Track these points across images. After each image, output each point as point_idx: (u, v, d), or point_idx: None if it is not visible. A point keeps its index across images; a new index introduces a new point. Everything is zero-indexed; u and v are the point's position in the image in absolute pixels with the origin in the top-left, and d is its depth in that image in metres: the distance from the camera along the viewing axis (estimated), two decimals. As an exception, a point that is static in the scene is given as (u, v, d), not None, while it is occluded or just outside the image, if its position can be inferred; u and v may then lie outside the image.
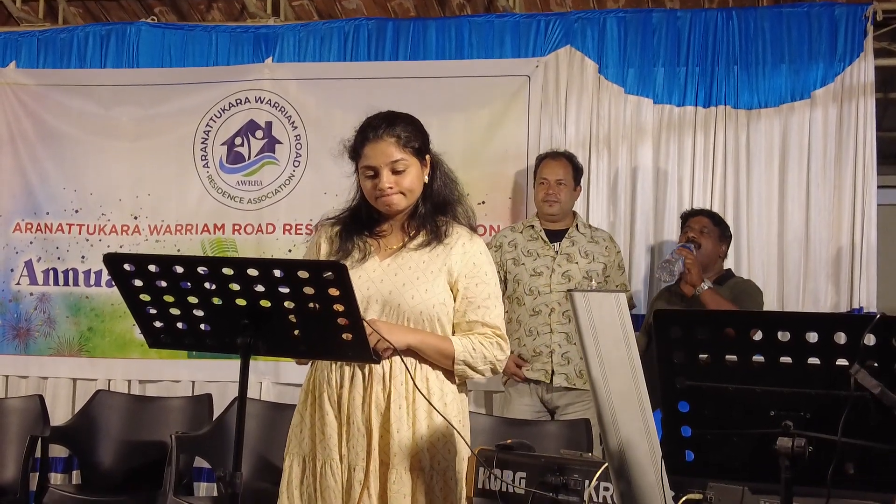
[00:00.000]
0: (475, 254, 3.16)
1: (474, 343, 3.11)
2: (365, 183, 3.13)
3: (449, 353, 3.08)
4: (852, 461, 2.21)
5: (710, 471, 2.47)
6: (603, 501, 3.03)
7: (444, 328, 3.13)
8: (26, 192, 6.34)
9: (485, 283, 3.16)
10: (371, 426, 3.03)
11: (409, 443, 3.04)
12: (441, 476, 3.09)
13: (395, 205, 3.12)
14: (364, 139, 3.13)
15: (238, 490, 2.64)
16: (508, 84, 5.93)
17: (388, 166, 3.08)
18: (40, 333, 6.27)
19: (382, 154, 3.08)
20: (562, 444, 4.62)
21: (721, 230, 5.32)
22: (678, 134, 5.79)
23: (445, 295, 3.12)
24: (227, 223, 6.15)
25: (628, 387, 2.59)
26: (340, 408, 3.07)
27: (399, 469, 3.03)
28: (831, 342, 2.11)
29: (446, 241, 3.15)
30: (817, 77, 5.67)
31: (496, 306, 3.17)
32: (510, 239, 5.44)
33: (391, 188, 3.08)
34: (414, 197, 3.15)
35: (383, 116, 3.16)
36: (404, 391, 3.05)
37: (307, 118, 6.13)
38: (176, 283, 2.65)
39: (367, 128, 3.15)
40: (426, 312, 3.08)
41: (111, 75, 6.37)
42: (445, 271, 3.12)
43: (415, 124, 3.19)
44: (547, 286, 5.28)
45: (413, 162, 3.12)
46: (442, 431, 3.09)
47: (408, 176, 3.11)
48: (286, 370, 5.90)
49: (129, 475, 5.67)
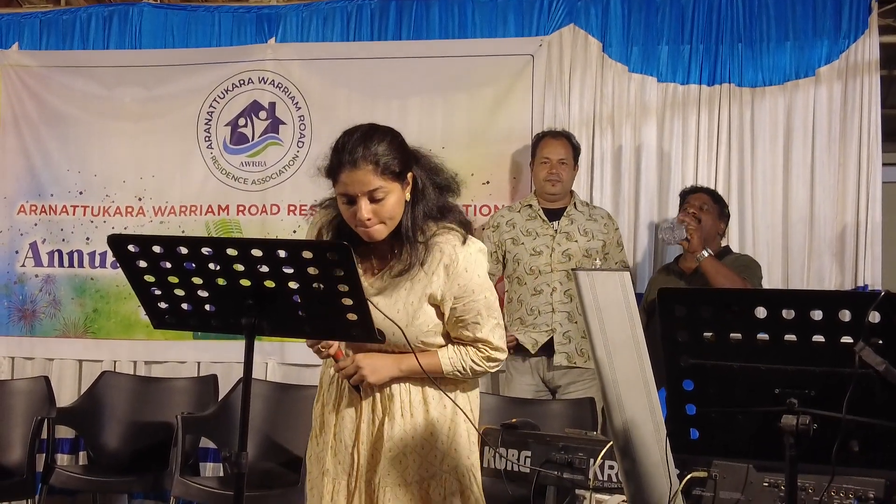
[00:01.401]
0: (461, 273, 2.98)
1: (463, 357, 3.03)
2: (343, 208, 2.95)
3: (437, 370, 3.00)
4: (857, 439, 2.21)
5: (715, 449, 2.47)
6: (608, 480, 3.04)
7: (432, 345, 3.05)
8: (30, 174, 6.34)
9: (473, 301, 3.00)
10: (359, 443, 3.01)
11: (402, 458, 2.99)
12: (439, 482, 3.03)
13: (376, 235, 2.94)
14: (340, 164, 2.90)
15: (244, 470, 2.65)
16: (512, 63, 5.92)
17: (366, 195, 2.87)
18: (46, 315, 6.28)
19: (359, 183, 2.86)
20: (566, 423, 4.63)
21: (720, 208, 5.32)
22: (682, 112, 5.78)
23: (430, 321, 3.01)
24: (232, 204, 6.15)
25: (633, 365, 2.59)
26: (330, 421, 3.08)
27: (391, 484, 2.99)
28: (836, 320, 2.11)
29: (427, 268, 2.97)
30: (822, 54, 5.66)
31: (488, 318, 3.03)
32: (508, 218, 5.44)
33: (370, 220, 2.89)
34: (395, 223, 2.95)
35: (359, 138, 2.91)
36: (400, 410, 3.01)
37: (310, 98, 6.12)
38: (180, 263, 2.65)
39: (341, 150, 2.91)
40: (409, 344, 2.97)
41: (114, 56, 6.36)
42: (427, 296, 2.98)
43: (394, 143, 2.93)
44: (548, 265, 5.28)
45: (393, 188, 2.90)
46: (437, 436, 3.03)
47: (387, 204, 2.89)
48: (292, 350, 5.91)
49: (135, 456, 5.70)
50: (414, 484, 2.99)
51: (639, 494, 2.72)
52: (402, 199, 2.93)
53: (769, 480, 2.70)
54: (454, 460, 3.04)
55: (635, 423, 2.64)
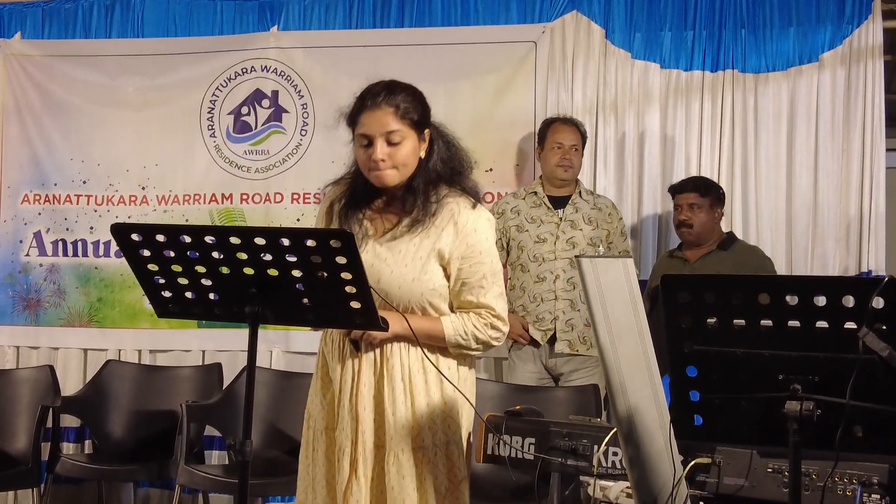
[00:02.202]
0: (469, 233, 3.06)
1: (466, 324, 3.06)
2: (359, 152, 3.05)
3: (439, 336, 3.04)
4: (860, 424, 2.22)
5: (719, 435, 2.48)
6: (612, 466, 3.04)
7: (437, 310, 3.08)
8: (34, 164, 6.34)
9: (480, 262, 3.07)
10: (359, 410, 3.01)
11: (409, 423, 3.01)
12: (443, 450, 3.06)
13: (387, 179, 3.03)
14: (362, 106, 3.04)
15: (248, 458, 2.66)
16: (515, 50, 5.91)
17: (384, 136, 2.99)
18: (50, 304, 6.28)
19: (379, 123, 2.99)
20: (570, 410, 4.64)
21: (710, 199, 5.30)
22: (685, 99, 5.77)
23: (437, 279, 3.05)
24: (235, 193, 6.15)
25: (636, 352, 2.59)
26: (332, 390, 3.09)
27: (397, 451, 3.00)
28: (839, 305, 2.11)
29: (437, 222, 3.05)
30: (825, 40, 5.64)
31: (492, 285, 3.09)
32: (513, 206, 5.44)
33: (384, 161, 2.99)
34: (408, 171, 3.05)
35: (384, 85, 3.07)
36: (400, 372, 3.02)
37: (313, 86, 6.11)
38: (183, 252, 2.66)
39: (366, 95, 3.06)
40: (414, 301, 3.03)
41: (116, 45, 6.35)
42: (436, 254, 3.04)
43: (416, 95, 3.09)
44: (551, 252, 5.28)
45: (409, 135, 3.03)
46: (441, 407, 3.06)
47: (402, 149, 3.01)
48: (296, 339, 5.92)
49: (140, 444, 5.71)
50: (419, 451, 3.02)
51: (643, 481, 2.72)
52: (416, 150, 3.06)
53: (773, 466, 2.71)
54: (447, 435, 3.06)
55: (639, 409, 2.64)
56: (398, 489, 2.98)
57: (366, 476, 2.99)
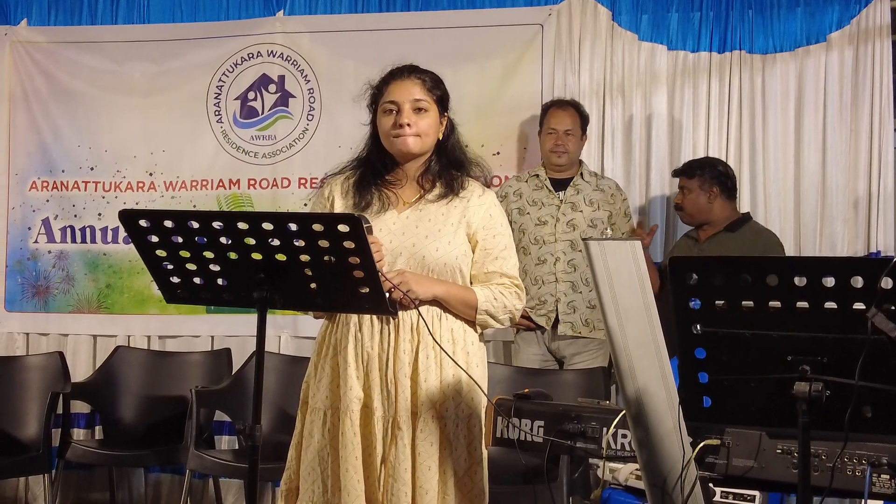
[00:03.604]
0: (490, 205, 3.25)
1: (495, 293, 3.19)
2: (383, 119, 3.21)
3: (472, 302, 3.16)
4: (869, 405, 2.22)
5: (728, 416, 2.48)
6: (620, 448, 3.04)
7: (465, 279, 3.20)
8: (41, 151, 6.34)
9: (501, 234, 3.25)
10: (398, 377, 3.08)
11: (437, 391, 3.10)
12: (465, 423, 3.16)
13: (410, 147, 3.18)
14: (390, 78, 3.25)
15: (258, 442, 2.67)
16: (521, 33, 5.89)
17: (410, 103, 3.18)
18: (59, 291, 6.30)
19: (407, 91, 3.19)
20: (578, 393, 4.64)
21: (700, 179, 5.29)
22: (693, 80, 5.75)
23: (466, 246, 3.19)
24: (243, 178, 6.15)
25: (644, 334, 2.59)
26: (366, 360, 3.11)
27: (426, 417, 3.09)
28: (848, 286, 2.11)
29: (462, 195, 3.22)
30: (833, 20, 5.62)
31: (512, 256, 3.26)
32: (515, 188, 5.44)
33: (409, 125, 3.15)
34: (428, 143, 3.22)
35: (411, 64, 3.29)
36: (431, 341, 3.11)
37: (320, 71, 6.11)
38: (191, 238, 2.66)
39: (394, 70, 3.27)
40: (450, 264, 3.15)
41: (122, 32, 6.35)
42: (465, 223, 3.19)
43: (439, 79, 3.30)
44: (552, 235, 5.29)
45: (433, 109, 3.22)
46: (466, 380, 3.15)
47: (426, 118, 3.20)
48: (304, 324, 5.92)
49: (150, 429, 5.73)
50: (443, 419, 3.11)
51: (652, 462, 2.72)
52: (437, 126, 3.25)
53: (782, 447, 2.71)
54: (471, 408, 3.17)
55: (648, 391, 2.64)
56: (425, 455, 3.08)
57: (404, 443, 3.07)
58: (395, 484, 3.06)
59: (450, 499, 3.12)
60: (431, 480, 3.08)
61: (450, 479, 3.12)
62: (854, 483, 2.62)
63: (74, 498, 6.11)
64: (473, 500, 3.16)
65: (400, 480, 3.05)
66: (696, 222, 5.34)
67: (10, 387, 5.75)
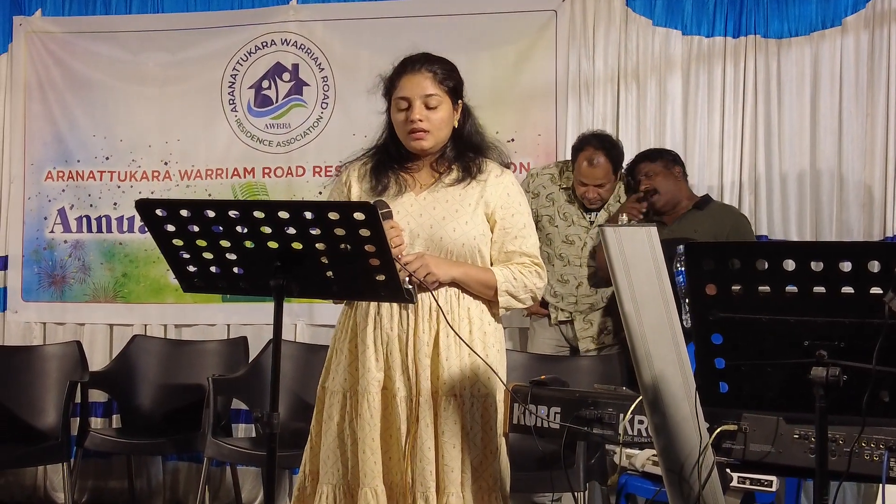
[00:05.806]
0: (508, 185, 3.25)
1: (514, 273, 3.20)
2: (396, 115, 3.21)
3: (491, 283, 3.17)
4: (887, 389, 2.21)
5: (745, 402, 2.48)
6: (637, 434, 3.04)
7: (484, 259, 3.21)
8: (57, 140, 6.36)
9: (520, 213, 3.25)
10: (418, 357, 3.10)
11: (458, 372, 3.13)
12: (481, 403, 3.18)
13: (423, 142, 3.19)
14: (401, 71, 3.23)
15: (276, 430, 2.68)
16: (535, 19, 5.88)
17: (422, 99, 3.17)
18: (75, 280, 6.32)
19: (417, 86, 3.17)
20: (595, 379, 4.64)
21: (663, 161, 5.21)
22: (707, 65, 5.72)
23: (484, 227, 3.20)
24: (257, 167, 6.16)
25: (661, 320, 2.59)
26: (386, 342, 3.13)
27: (448, 397, 3.11)
28: (865, 271, 2.11)
29: (480, 177, 3.23)
30: (848, 3, 5.58)
31: (531, 235, 3.26)
32: (548, 192, 5.34)
33: (421, 121, 3.15)
34: (442, 137, 3.22)
35: (422, 54, 3.26)
36: (448, 321, 3.12)
37: (333, 59, 6.11)
38: (208, 227, 2.67)
39: (405, 62, 3.25)
40: (468, 245, 3.16)
41: (137, 21, 6.36)
42: (483, 203, 3.20)
43: (452, 66, 3.28)
44: (577, 259, 5.25)
45: (446, 101, 3.21)
46: (477, 359, 3.17)
47: (439, 113, 3.19)
48: (320, 311, 5.94)
49: (167, 417, 5.76)
50: (460, 398, 3.13)
51: (669, 448, 2.73)
52: (451, 117, 3.24)
53: (799, 432, 2.70)
54: (487, 388, 3.20)
55: (664, 377, 2.64)
56: (449, 434, 3.11)
57: (426, 422, 3.10)
58: (420, 463, 3.08)
59: (469, 477, 3.14)
60: (456, 459, 3.11)
61: (471, 458, 3.15)
62: (871, 468, 2.62)
63: (93, 486, 6.15)
64: (496, 475, 3.20)
65: (425, 460, 3.08)
66: (669, 206, 5.19)
67: (28, 376, 5.78)
